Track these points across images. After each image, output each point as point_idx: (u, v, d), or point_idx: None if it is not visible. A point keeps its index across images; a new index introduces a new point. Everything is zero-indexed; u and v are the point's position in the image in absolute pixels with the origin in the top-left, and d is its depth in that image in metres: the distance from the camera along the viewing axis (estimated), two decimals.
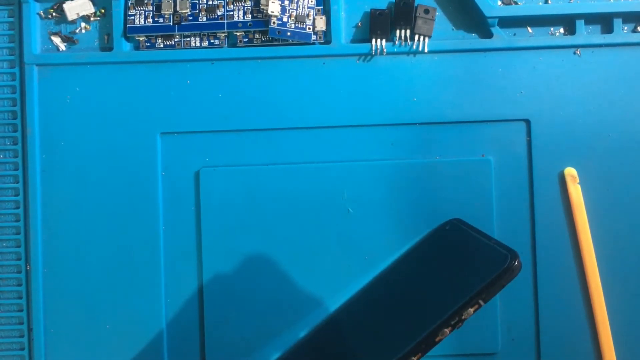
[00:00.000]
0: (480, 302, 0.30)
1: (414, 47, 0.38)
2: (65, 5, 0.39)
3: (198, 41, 0.39)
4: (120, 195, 0.39)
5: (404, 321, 0.32)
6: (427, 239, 0.38)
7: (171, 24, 0.39)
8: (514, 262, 0.30)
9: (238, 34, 0.39)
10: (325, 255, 0.38)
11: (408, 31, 0.38)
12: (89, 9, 0.39)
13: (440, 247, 0.37)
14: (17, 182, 0.39)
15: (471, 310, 0.30)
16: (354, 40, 0.39)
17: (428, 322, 0.30)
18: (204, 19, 0.39)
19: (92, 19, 0.40)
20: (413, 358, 0.30)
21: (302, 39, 0.38)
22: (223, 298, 0.38)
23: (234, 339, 0.38)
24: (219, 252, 0.38)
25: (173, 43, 0.39)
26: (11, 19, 0.40)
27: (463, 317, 0.30)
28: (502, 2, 0.39)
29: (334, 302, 0.38)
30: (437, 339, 0.30)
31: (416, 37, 0.38)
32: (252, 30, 0.39)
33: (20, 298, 0.39)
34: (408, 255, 0.38)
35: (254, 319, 0.38)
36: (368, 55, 0.39)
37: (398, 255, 0.38)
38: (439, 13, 0.39)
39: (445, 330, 0.30)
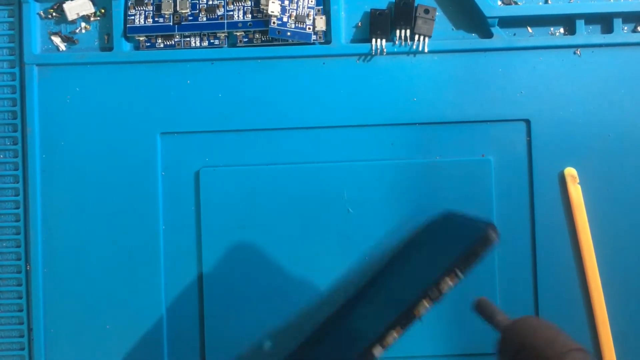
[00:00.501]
0: (458, 272, 0.29)
1: (414, 47, 0.38)
2: (65, 5, 0.39)
3: (198, 41, 0.39)
4: (120, 195, 0.39)
5: (391, 303, 0.32)
6: (419, 230, 0.38)
7: (171, 24, 0.39)
8: (490, 231, 0.29)
9: (238, 34, 0.39)
10: (325, 256, 0.38)
11: (408, 31, 0.38)
12: (89, 8, 0.39)
13: (428, 233, 0.37)
14: (17, 182, 0.39)
15: (449, 280, 0.29)
16: (354, 40, 0.39)
17: (409, 298, 0.30)
18: (204, 19, 0.39)
19: (92, 19, 0.40)
20: (394, 333, 0.29)
21: (302, 39, 0.38)
22: (223, 298, 0.38)
23: (234, 340, 0.38)
24: (219, 252, 0.38)
25: (173, 43, 0.39)
26: (11, 19, 0.40)
27: (441, 287, 0.29)
28: (502, 2, 0.39)
29: (334, 302, 0.38)
30: (416, 312, 0.29)
31: (416, 37, 0.38)
32: (252, 30, 0.39)
33: (20, 298, 0.39)
34: (402, 247, 0.38)
35: (254, 320, 0.38)
36: (368, 55, 0.39)
37: (394, 249, 0.38)
38: (439, 13, 0.39)
39: (424, 302, 0.29)
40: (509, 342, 0.25)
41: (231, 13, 0.39)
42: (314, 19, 0.38)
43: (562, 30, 0.39)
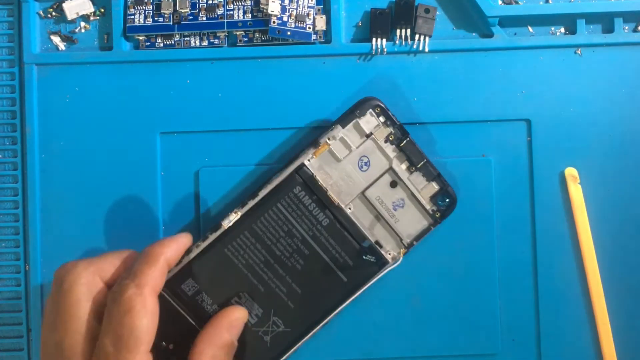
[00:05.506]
0: (335, 126, 0.35)
1: (415, 46, 0.38)
2: (65, 5, 0.39)
3: (198, 41, 0.39)
4: (119, 195, 0.39)
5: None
6: None
7: (171, 23, 0.39)
8: (369, 97, 0.35)
9: (238, 33, 0.39)
10: None
11: (408, 30, 0.38)
12: (89, 8, 0.39)
13: None
14: (16, 182, 0.39)
15: (326, 137, 0.35)
16: (354, 40, 0.39)
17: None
18: (204, 18, 0.38)
19: (91, 18, 0.40)
20: (279, 174, 0.35)
21: (302, 39, 0.38)
22: None
23: None
24: None
25: (173, 42, 0.39)
26: (10, 19, 0.39)
27: (319, 139, 0.35)
28: (503, 2, 0.39)
29: None
30: (298, 161, 0.35)
31: (416, 36, 0.38)
32: (252, 29, 0.39)
33: (19, 298, 0.39)
34: None
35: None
36: (368, 55, 0.39)
37: None
38: (439, 12, 0.39)
39: (307, 151, 0.35)
40: None
41: (231, 12, 0.38)
42: (314, 19, 0.38)
43: (562, 29, 0.39)
